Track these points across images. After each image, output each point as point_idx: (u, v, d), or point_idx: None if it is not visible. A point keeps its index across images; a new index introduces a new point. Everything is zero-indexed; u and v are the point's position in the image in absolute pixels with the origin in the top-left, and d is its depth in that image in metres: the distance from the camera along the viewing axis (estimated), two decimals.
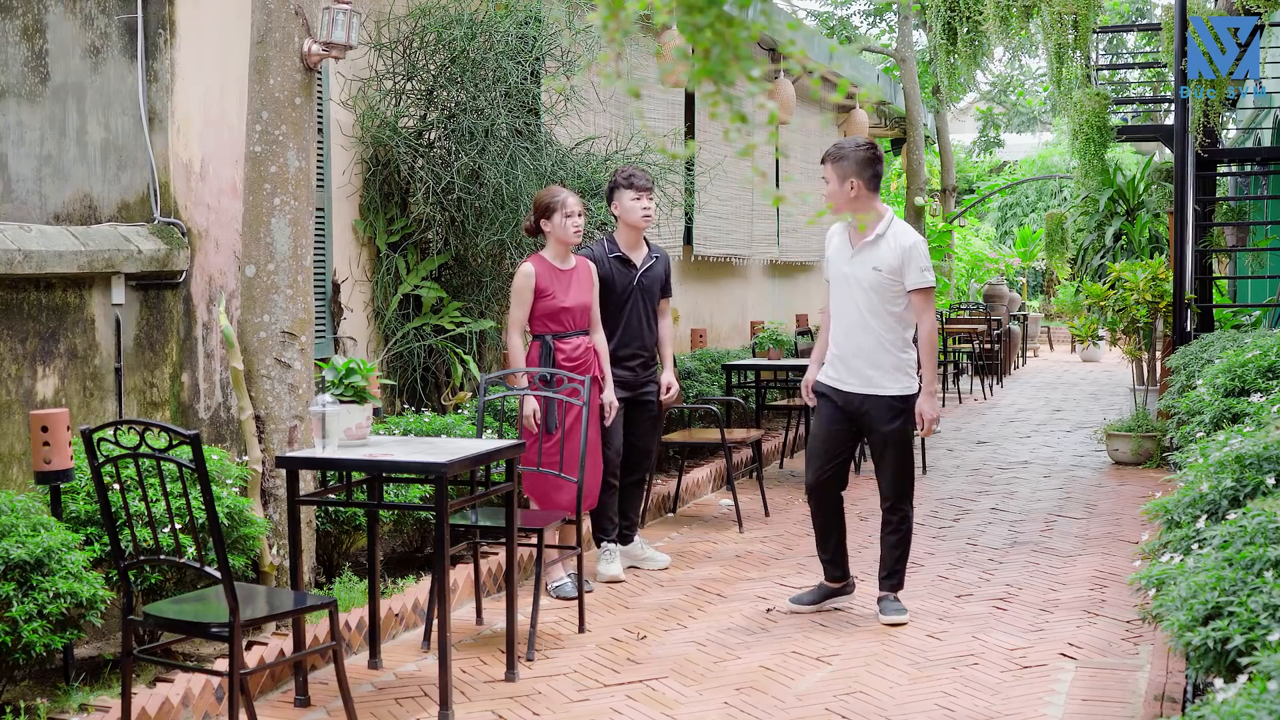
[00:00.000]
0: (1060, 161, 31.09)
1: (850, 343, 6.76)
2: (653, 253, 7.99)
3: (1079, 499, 10.46)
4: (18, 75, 6.98)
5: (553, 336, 7.29)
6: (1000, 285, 23.98)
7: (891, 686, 5.83)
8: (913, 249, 6.66)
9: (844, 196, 6.67)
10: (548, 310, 7.26)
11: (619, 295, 7.84)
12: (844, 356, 6.79)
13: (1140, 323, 12.97)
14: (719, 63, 2.29)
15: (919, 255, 6.66)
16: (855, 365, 6.75)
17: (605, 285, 7.80)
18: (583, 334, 7.38)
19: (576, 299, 7.32)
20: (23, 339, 5.95)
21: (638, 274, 7.86)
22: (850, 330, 6.75)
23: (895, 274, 6.64)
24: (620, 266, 7.85)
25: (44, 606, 4.68)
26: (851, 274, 6.72)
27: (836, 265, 6.83)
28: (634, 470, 8.10)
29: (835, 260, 6.85)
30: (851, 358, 6.75)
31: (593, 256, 7.83)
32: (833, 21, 24.39)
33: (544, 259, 7.30)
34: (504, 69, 8.39)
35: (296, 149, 6.30)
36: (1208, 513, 4.75)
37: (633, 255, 7.89)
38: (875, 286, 6.66)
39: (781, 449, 12.35)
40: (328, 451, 5.49)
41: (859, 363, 6.74)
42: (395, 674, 6.01)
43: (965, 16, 13.02)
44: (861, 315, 6.71)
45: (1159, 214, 17.60)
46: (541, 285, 7.25)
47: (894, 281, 6.65)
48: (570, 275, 7.33)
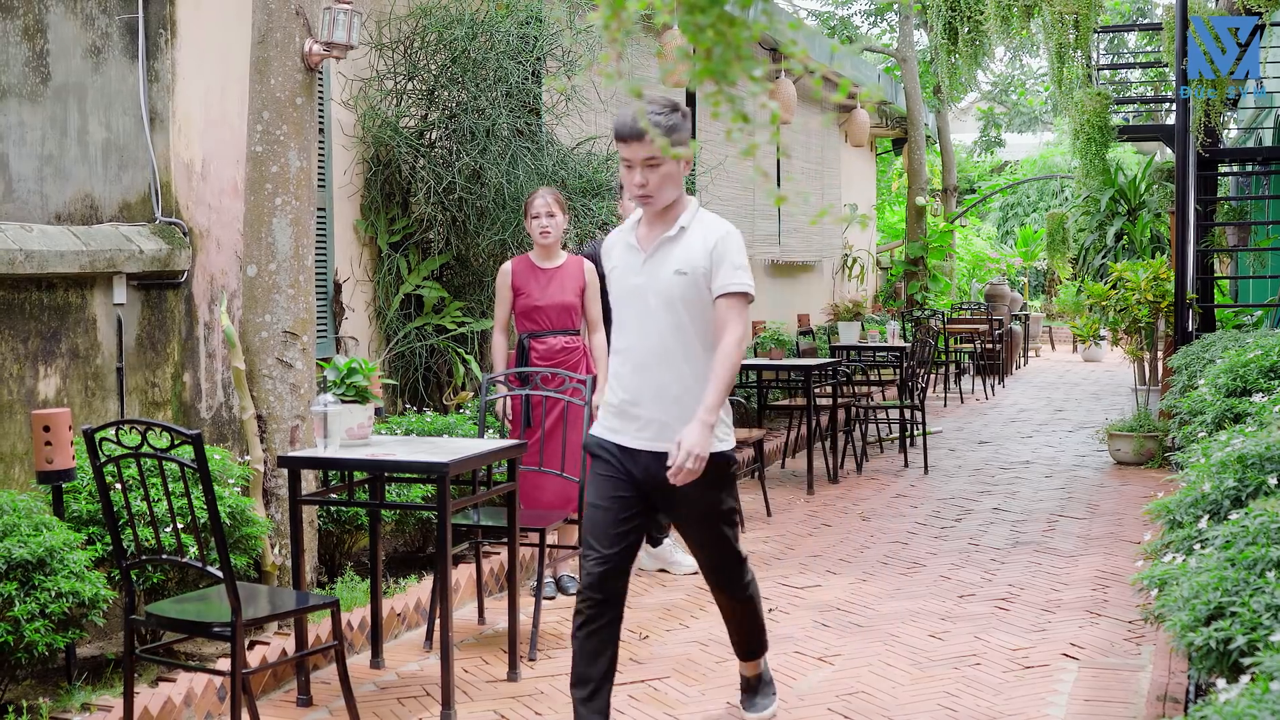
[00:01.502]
0: (1061, 161, 31.08)
1: (645, 382, 4.82)
2: None
3: (1081, 499, 10.45)
4: (19, 75, 6.98)
5: (528, 335, 7.26)
6: (1002, 285, 23.98)
7: (894, 687, 5.83)
8: (725, 241, 4.79)
9: (678, 178, 4.83)
10: (523, 308, 7.25)
11: None
12: (635, 401, 4.83)
13: (1142, 323, 12.97)
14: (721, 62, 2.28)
15: (733, 250, 4.80)
16: (650, 413, 4.81)
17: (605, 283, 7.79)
18: (564, 333, 7.31)
19: (553, 298, 7.25)
20: (25, 339, 5.95)
21: None
22: (645, 364, 4.82)
23: (707, 277, 4.78)
24: None
25: (46, 606, 4.68)
26: (646, 285, 4.82)
27: (623, 279, 4.92)
28: None
29: (621, 273, 4.93)
30: (648, 402, 4.80)
31: (594, 254, 7.83)
32: (834, 21, 24.41)
33: (526, 258, 7.29)
34: (505, 69, 8.39)
35: (298, 149, 6.30)
36: (1210, 513, 4.74)
37: None
38: (682, 297, 4.77)
39: (783, 449, 12.34)
40: (330, 451, 5.49)
41: (656, 409, 4.79)
42: (397, 673, 6.01)
43: (966, 16, 13.02)
44: (662, 341, 4.79)
45: (1160, 214, 17.59)
46: (516, 283, 7.24)
47: (705, 288, 4.80)
48: (551, 274, 7.28)
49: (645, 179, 4.75)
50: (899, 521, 9.55)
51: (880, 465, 12.36)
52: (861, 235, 20.84)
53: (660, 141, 4.61)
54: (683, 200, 4.88)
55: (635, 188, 4.76)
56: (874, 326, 14.79)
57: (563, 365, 7.20)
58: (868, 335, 14.26)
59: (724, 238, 4.80)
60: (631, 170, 4.77)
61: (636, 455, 4.83)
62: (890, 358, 13.89)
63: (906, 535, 9.06)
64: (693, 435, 4.56)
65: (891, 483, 11.32)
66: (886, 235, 23.99)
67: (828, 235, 18.84)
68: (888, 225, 24.40)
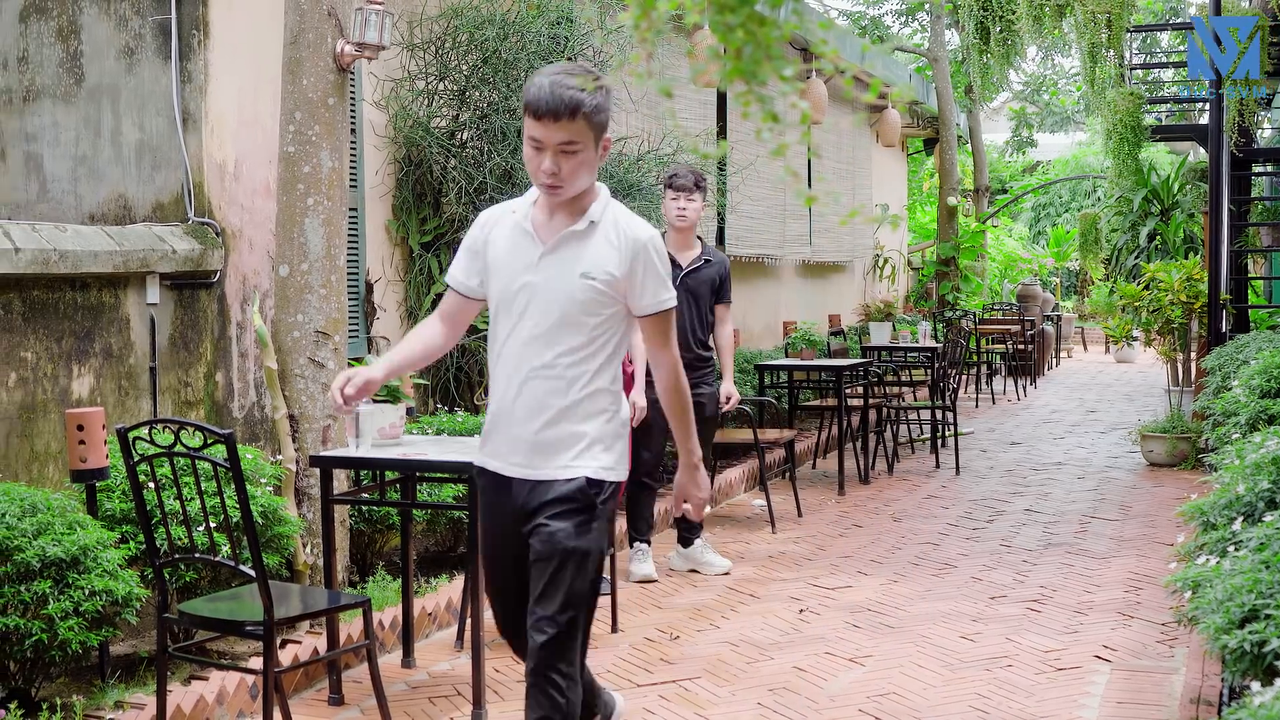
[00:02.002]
0: (1094, 161, 30.95)
1: (521, 395, 4.00)
2: (704, 255, 7.96)
3: (1113, 500, 10.41)
4: (53, 76, 7.02)
5: None
6: (1034, 285, 23.89)
7: (925, 688, 5.81)
8: (649, 250, 4.01)
9: (595, 165, 4.01)
10: None
11: None
12: (507, 416, 4.05)
13: (1175, 323, 12.90)
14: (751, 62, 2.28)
15: (658, 261, 4.03)
16: (523, 432, 4.01)
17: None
18: None
19: None
20: (59, 338, 5.98)
21: (681, 274, 7.83)
22: (521, 373, 4.00)
23: (617, 287, 3.98)
24: None
25: (80, 604, 4.71)
26: (541, 287, 3.98)
27: (509, 272, 4.04)
28: None
29: (507, 264, 4.05)
30: (522, 420, 4.01)
31: None
32: (864, 21, 24.35)
33: None
34: (536, 69, 8.39)
35: (330, 149, 6.32)
36: (1244, 515, 4.72)
37: (679, 255, 7.87)
38: (583, 304, 3.96)
39: (814, 449, 12.32)
40: (361, 451, 5.51)
41: (530, 427, 4.00)
42: (429, 673, 6.02)
43: (998, 16, 12.98)
44: (551, 353, 3.98)
45: (1194, 214, 17.50)
46: None
47: (612, 297, 3.99)
48: None
49: (557, 166, 3.89)
50: (930, 522, 9.52)
51: (911, 466, 12.33)
52: (893, 235, 20.80)
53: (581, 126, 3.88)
54: (591, 188, 4.04)
55: (543, 174, 3.89)
56: (905, 327, 14.76)
57: None
58: (899, 336, 14.23)
59: (646, 245, 4.00)
60: (540, 153, 3.89)
61: (508, 484, 4.06)
62: (922, 358, 13.86)
63: (938, 536, 9.04)
64: (682, 480, 4.17)
65: (923, 484, 11.29)
66: (918, 235, 23.94)
67: (859, 235, 18.81)
68: (919, 225, 24.34)
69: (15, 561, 4.66)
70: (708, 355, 8.01)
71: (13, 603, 4.65)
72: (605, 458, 4.03)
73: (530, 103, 3.87)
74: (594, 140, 3.92)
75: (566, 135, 3.86)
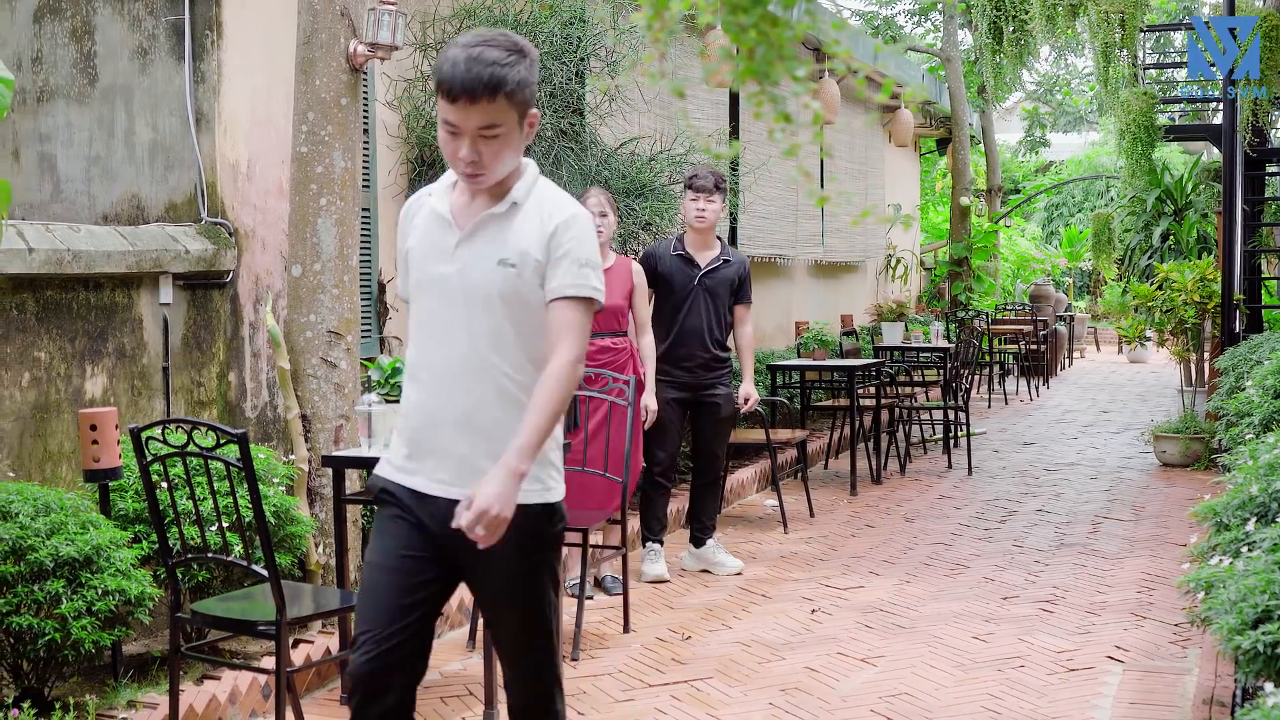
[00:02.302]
0: (1107, 161, 30.88)
1: (446, 404, 3.51)
2: (723, 255, 7.96)
3: (1126, 501, 10.39)
4: (67, 77, 7.04)
5: None
6: (1046, 286, 23.84)
7: (937, 688, 5.81)
8: (570, 227, 3.50)
9: (519, 145, 3.50)
10: None
11: (677, 294, 7.83)
12: (432, 429, 3.53)
13: (1188, 323, 12.87)
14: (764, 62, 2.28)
15: (579, 240, 3.51)
16: (451, 446, 3.50)
17: (663, 282, 7.81)
18: (611, 334, 7.32)
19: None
20: (72, 338, 6.00)
21: (699, 274, 7.84)
22: (447, 380, 3.52)
23: (540, 271, 3.49)
24: (681, 265, 7.85)
25: (93, 603, 4.72)
26: (458, 276, 3.52)
27: (425, 262, 3.59)
28: (704, 473, 8.09)
29: (424, 254, 3.60)
30: (448, 432, 3.51)
31: (654, 252, 7.86)
32: (877, 21, 24.34)
33: None
34: (548, 69, 8.40)
35: (342, 149, 6.33)
36: (1257, 515, 4.71)
37: (698, 255, 7.88)
38: (505, 295, 3.48)
39: (826, 450, 12.31)
40: (374, 450, 5.51)
41: (459, 441, 3.49)
42: (440, 672, 6.03)
43: (1011, 15, 12.97)
44: (474, 351, 3.50)
45: (1207, 214, 17.46)
46: None
47: (537, 285, 3.50)
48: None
49: (476, 153, 3.38)
50: (942, 523, 9.52)
51: (924, 466, 12.32)
52: (905, 235, 20.77)
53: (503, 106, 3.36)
54: (519, 168, 3.55)
55: (461, 163, 3.39)
56: (918, 327, 14.75)
57: (607, 366, 7.21)
58: (911, 336, 14.22)
59: (568, 222, 3.49)
60: (457, 138, 3.38)
61: (432, 503, 3.48)
62: (934, 358, 13.84)
63: (950, 537, 9.03)
64: (491, 489, 3.24)
65: (935, 484, 11.28)
66: (930, 235, 23.90)
67: (871, 235, 18.78)
68: (931, 225, 24.31)
69: (28, 561, 4.67)
70: (724, 356, 8.01)
71: (26, 602, 4.66)
72: (544, 476, 3.50)
73: (443, 82, 3.33)
74: (517, 119, 3.40)
75: (486, 118, 3.34)
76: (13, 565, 4.66)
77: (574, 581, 6.92)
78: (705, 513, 8.05)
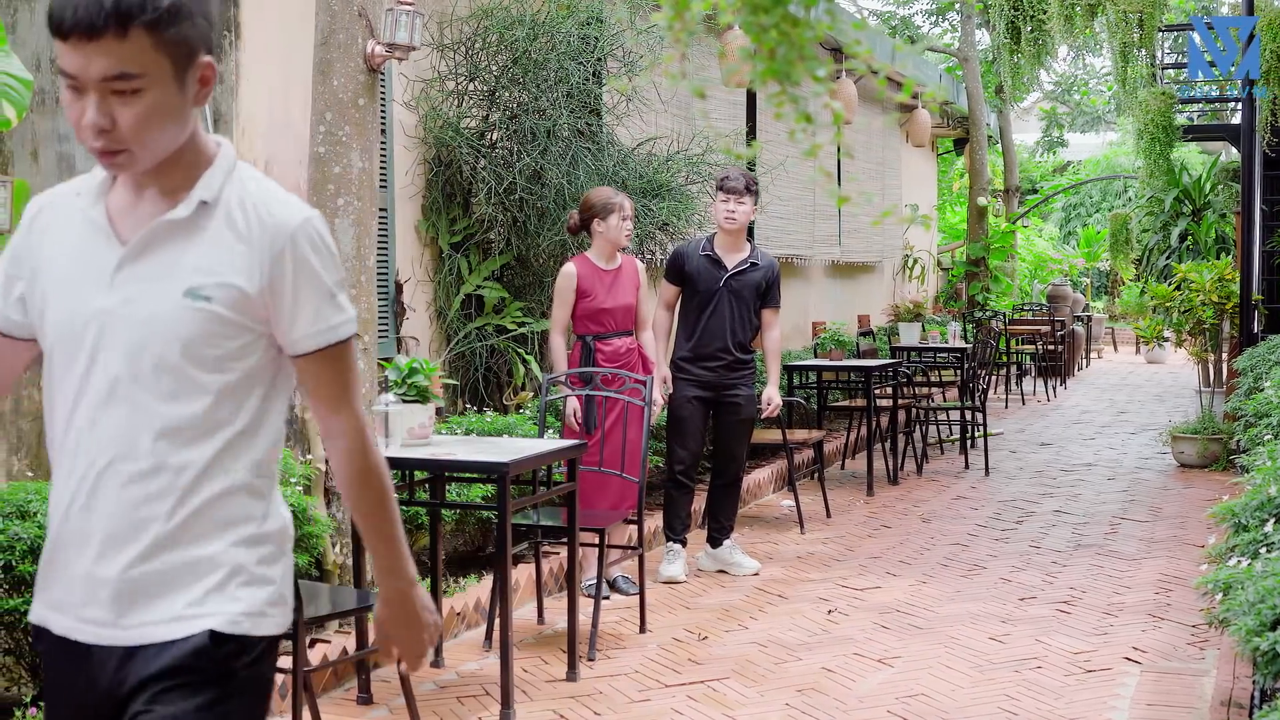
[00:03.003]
0: (1125, 161, 30.82)
1: (94, 506, 2.33)
2: (752, 258, 7.95)
3: (1144, 502, 10.37)
4: None
5: (593, 337, 7.25)
6: (1064, 286, 23.81)
7: (953, 689, 5.80)
8: (301, 237, 2.35)
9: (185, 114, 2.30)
10: (588, 311, 7.24)
11: (702, 294, 7.84)
12: (75, 542, 2.36)
13: (1206, 324, 12.85)
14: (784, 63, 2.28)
15: (321, 255, 2.38)
16: (102, 569, 2.32)
17: (689, 281, 7.83)
18: (625, 334, 7.35)
19: (618, 300, 7.28)
20: None
21: (726, 275, 7.84)
22: (95, 468, 2.34)
23: (249, 308, 2.33)
24: (708, 265, 7.85)
25: None
26: (121, 313, 2.31)
27: (72, 297, 2.35)
28: (722, 474, 8.09)
29: (66, 282, 2.36)
30: (100, 548, 2.33)
31: (683, 252, 7.88)
32: (895, 21, 24.32)
33: (587, 259, 7.28)
34: (566, 69, 8.41)
35: (360, 150, 6.34)
36: (1276, 517, 4.70)
37: (726, 257, 7.88)
38: (192, 344, 2.30)
39: (843, 450, 12.30)
40: (391, 450, 5.52)
41: (115, 560, 2.31)
42: (457, 672, 6.03)
43: (1029, 15, 12.94)
44: (131, 430, 2.31)
45: (1225, 214, 17.42)
46: (583, 286, 7.22)
47: (243, 325, 2.33)
48: (613, 276, 7.30)
49: (106, 116, 2.22)
50: (959, 523, 9.50)
51: (941, 467, 12.31)
52: (922, 236, 20.75)
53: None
54: (200, 148, 2.37)
55: (87, 131, 2.22)
56: (935, 327, 14.72)
57: (624, 366, 7.23)
58: (928, 336, 14.20)
59: (296, 234, 2.35)
60: (80, 96, 2.23)
61: (84, 653, 2.34)
62: (951, 359, 13.82)
63: (967, 537, 9.02)
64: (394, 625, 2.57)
65: (952, 484, 11.26)
66: (948, 236, 23.88)
67: (888, 236, 18.77)
68: (949, 225, 24.29)
69: None
70: (747, 358, 7.99)
71: None
72: (248, 596, 2.36)
73: (54, 12, 2.24)
74: (171, 69, 2.24)
75: (115, 63, 2.20)
76: (30, 565, 4.67)
77: (590, 582, 6.93)
78: (723, 513, 8.04)
